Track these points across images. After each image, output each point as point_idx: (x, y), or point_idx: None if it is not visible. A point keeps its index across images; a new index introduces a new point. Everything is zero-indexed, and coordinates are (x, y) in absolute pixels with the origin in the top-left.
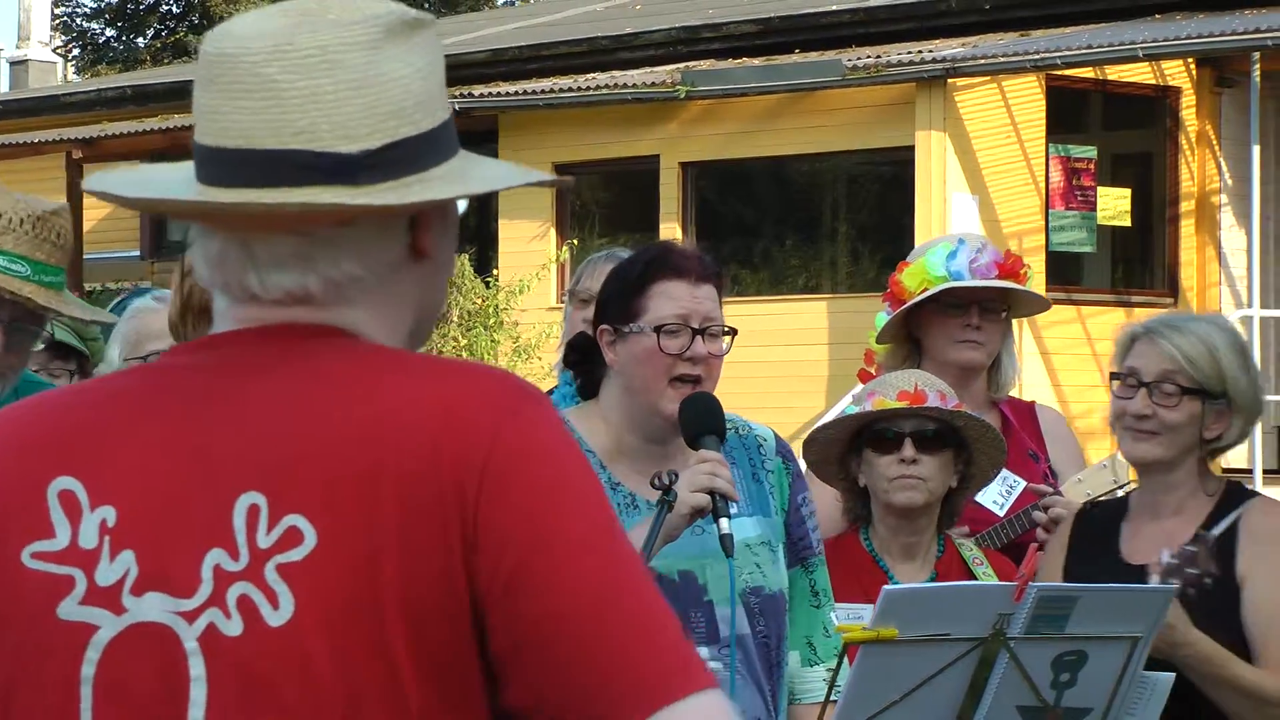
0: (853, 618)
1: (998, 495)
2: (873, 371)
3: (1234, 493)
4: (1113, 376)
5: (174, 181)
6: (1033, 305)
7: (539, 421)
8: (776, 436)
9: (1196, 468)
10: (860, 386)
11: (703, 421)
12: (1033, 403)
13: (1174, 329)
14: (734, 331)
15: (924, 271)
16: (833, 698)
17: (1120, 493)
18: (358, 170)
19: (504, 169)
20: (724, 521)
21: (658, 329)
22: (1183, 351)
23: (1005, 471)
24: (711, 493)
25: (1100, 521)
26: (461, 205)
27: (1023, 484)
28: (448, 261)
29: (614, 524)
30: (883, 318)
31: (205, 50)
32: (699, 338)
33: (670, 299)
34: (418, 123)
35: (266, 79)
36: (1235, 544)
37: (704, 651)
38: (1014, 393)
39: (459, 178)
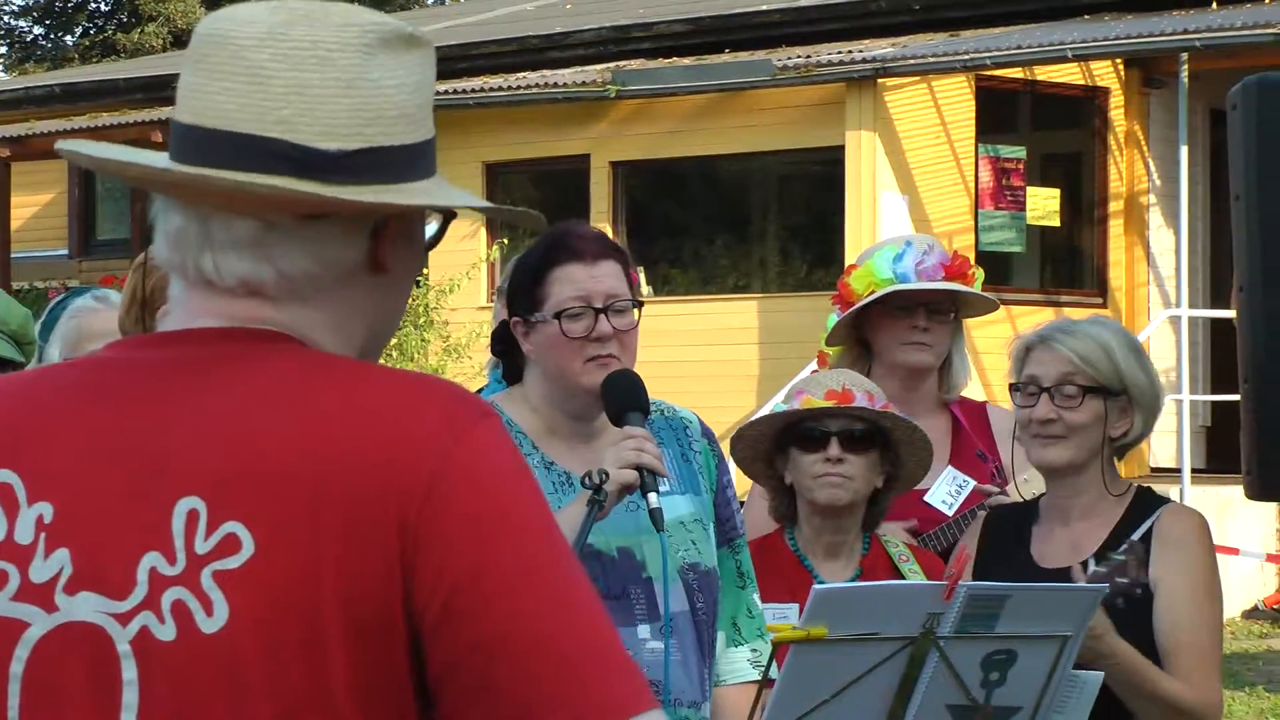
0: (779, 618)
1: (947, 495)
2: None
3: (1143, 497)
4: (1012, 388)
5: (148, 159)
6: (980, 306)
7: (489, 443)
8: (700, 419)
9: (1102, 469)
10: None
11: (625, 399)
12: (984, 403)
13: (1066, 333)
14: (640, 304)
15: (871, 274)
16: (771, 675)
17: None
18: (330, 168)
19: (473, 198)
20: (652, 496)
21: (559, 314)
22: (1078, 353)
23: (955, 471)
24: (639, 468)
25: (1009, 524)
26: (430, 229)
27: (972, 484)
28: (405, 282)
29: (560, 547)
30: (834, 320)
31: (199, 30)
32: (603, 316)
33: (569, 282)
34: (398, 135)
35: (255, 64)
36: (1149, 551)
37: (645, 629)
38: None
39: (427, 194)
